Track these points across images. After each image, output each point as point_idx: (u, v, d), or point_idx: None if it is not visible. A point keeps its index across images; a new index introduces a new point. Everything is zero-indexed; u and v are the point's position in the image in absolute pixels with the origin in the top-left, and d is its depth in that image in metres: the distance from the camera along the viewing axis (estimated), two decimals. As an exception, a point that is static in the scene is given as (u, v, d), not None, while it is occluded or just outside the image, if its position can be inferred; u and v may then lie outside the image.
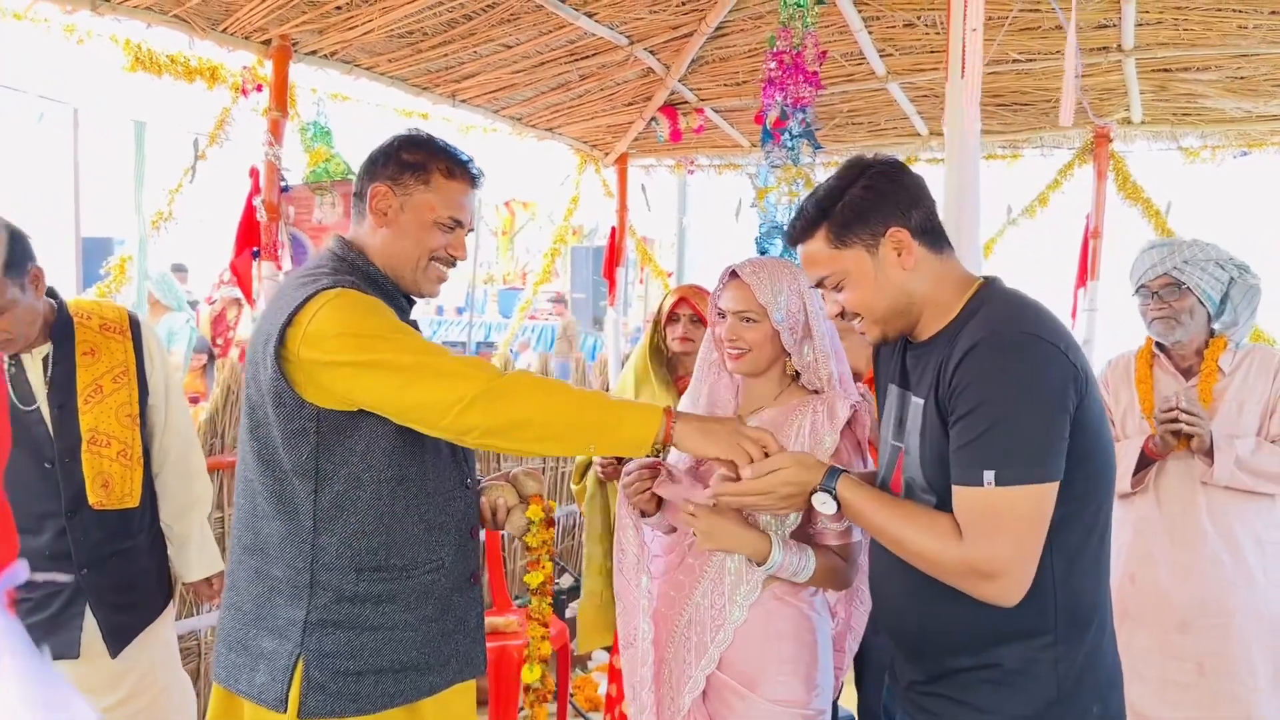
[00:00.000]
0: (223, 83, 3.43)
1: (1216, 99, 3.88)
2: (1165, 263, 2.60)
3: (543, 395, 1.59)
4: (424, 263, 1.78)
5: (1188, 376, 2.70)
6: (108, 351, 2.18)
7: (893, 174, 1.52)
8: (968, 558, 1.36)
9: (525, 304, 5.80)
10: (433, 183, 1.76)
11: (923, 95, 4.17)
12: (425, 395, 1.57)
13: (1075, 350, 1.40)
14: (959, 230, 2.18)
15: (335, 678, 1.66)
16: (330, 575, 1.67)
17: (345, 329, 1.59)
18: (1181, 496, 2.63)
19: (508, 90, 4.14)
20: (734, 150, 5.00)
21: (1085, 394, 1.39)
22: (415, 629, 1.72)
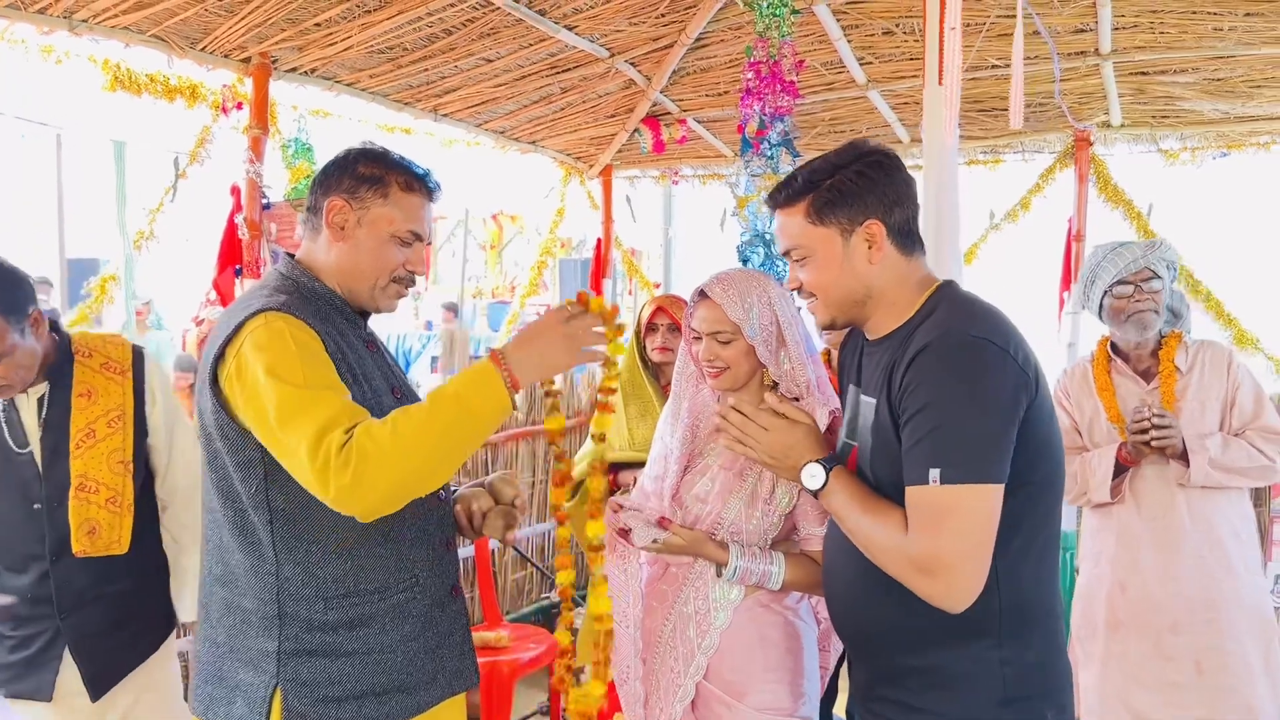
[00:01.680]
0: (203, 101, 3.43)
1: (1194, 101, 3.91)
2: (1149, 255, 2.63)
3: (396, 459, 1.47)
4: (383, 280, 1.72)
5: (1147, 379, 2.72)
6: (105, 394, 2.11)
7: (887, 166, 1.52)
8: (910, 552, 1.37)
9: (513, 317, 5.80)
10: (391, 196, 1.70)
11: (903, 102, 4.19)
12: (299, 474, 1.50)
13: (1026, 355, 1.41)
14: (938, 235, 2.20)
15: (316, 705, 1.62)
16: (298, 606, 1.63)
17: (251, 376, 1.52)
18: (1160, 500, 2.65)
19: (490, 104, 4.14)
20: (718, 160, 5.02)
21: (1035, 398, 1.39)
22: (395, 650, 1.68)
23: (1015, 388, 1.36)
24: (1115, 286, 2.68)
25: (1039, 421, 1.40)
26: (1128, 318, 2.68)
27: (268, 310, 1.58)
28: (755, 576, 1.81)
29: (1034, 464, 1.40)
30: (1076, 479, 2.74)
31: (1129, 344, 2.73)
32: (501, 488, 1.90)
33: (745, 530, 1.86)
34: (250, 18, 3.00)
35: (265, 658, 1.63)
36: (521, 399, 4.88)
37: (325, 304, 1.71)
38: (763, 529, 1.86)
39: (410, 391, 1.85)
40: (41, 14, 2.75)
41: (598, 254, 5.27)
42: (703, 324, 1.92)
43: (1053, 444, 1.45)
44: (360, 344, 1.75)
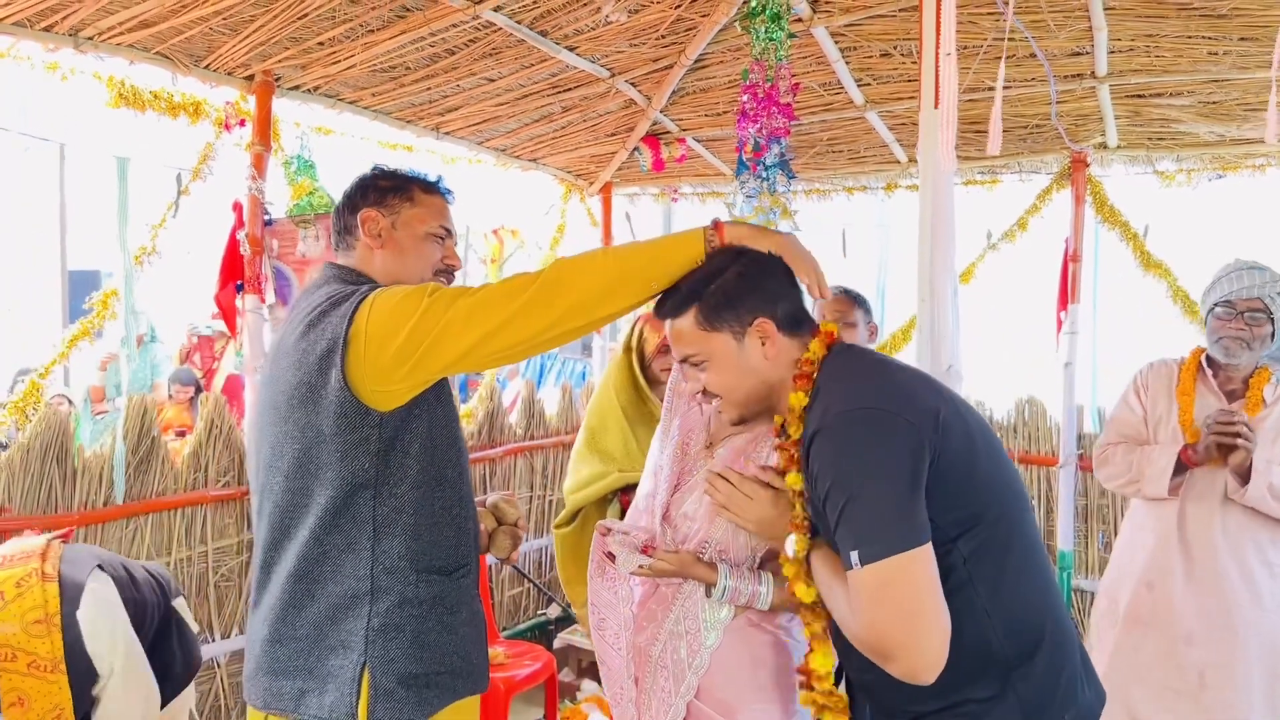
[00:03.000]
0: (206, 118, 3.45)
1: (1190, 124, 3.93)
2: (1262, 287, 2.64)
3: (581, 273, 1.60)
4: (428, 275, 1.85)
5: (1230, 399, 2.75)
6: (40, 697, 1.90)
7: (765, 265, 1.59)
8: (859, 635, 1.38)
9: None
10: (416, 198, 1.86)
11: (900, 123, 4.22)
12: (499, 319, 1.59)
13: (913, 408, 1.41)
14: (934, 256, 2.21)
15: (401, 683, 1.69)
16: (392, 579, 1.70)
17: (406, 311, 1.61)
18: (1202, 510, 2.69)
19: (491, 123, 4.17)
20: (717, 179, 5.05)
21: (940, 439, 1.40)
22: (458, 632, 1.78)
23: (910, 448, 1.37)
24: (1218, 306, 2.70)
25: (956, 461, 1.40)
26: (1218, 339, 2.72)
27: (376, 290, 1.68)
28: (744, 597, 1.82)
29: (970, 499, 1.41)
30: (1131, 468, 2.75)
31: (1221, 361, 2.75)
32: (505, 509, 2.04)
33: (733, 549, 1.87)
34: (254, 36, 3.02)
35: (354, 637, 1.69)
36: (519, 416, 4.89)
37: None
38: (750, 548, 1.86)
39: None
40: (48, 31, 2.77)
41: (597, 271, 5.29)
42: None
43: (984, 469, 1.45)
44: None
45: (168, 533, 3.17)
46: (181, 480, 3.21)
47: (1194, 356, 2.84)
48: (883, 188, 4.75)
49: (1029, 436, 4.40)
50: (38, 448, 2.87)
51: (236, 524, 3.37)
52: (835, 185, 4.83)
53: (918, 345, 2.23)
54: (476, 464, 4.54)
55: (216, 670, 3.32)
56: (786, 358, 1.58)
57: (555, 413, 5.13)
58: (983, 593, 1.40)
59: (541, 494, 4.97)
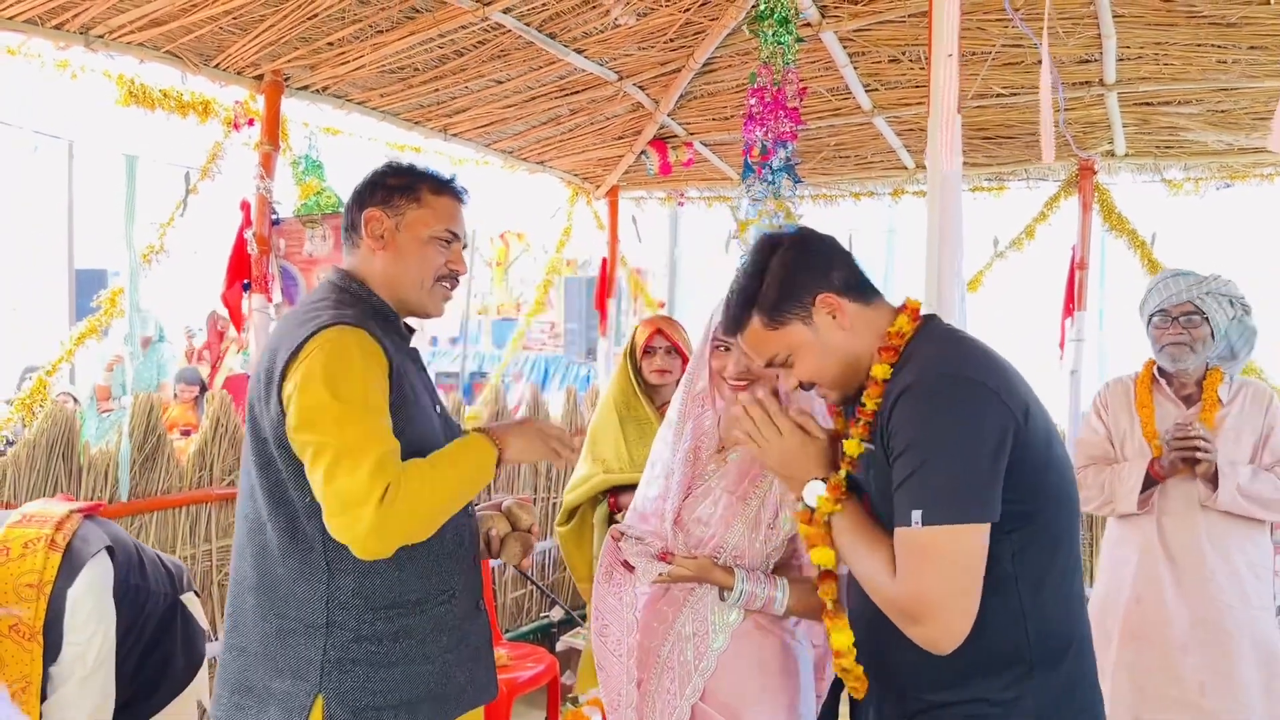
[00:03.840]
0: (215, 117, 3.46)
1: (1198, 132, 3.93)
2: (1191, 290, 2.69)
3: (414, 514, 1.57)
4: (429, 283, 1.79)
5: (1188, 404, 2.80)
6: (13, 662, 1.90)
7: (802, 244, 1.57)
8: (895, 596, 1.37)
9: (519, 335, 5.82)
10: (423, 199, 1.79)
11: (908, 129, 4.22)
12: (330, 495, 1.55)
13: (1010, 390, 1.40)
14: (942, 262, 2.20)
15: (356, 714, 1.65)
16: (347, 615, 1.66)
17: (310, 396, 1.58)
18: (1183, 520, 2.71)
19: (499, 124, 4.18)
20: (723, 183, 5.05)
21: (1025, 430, 1.38)
22: (432, 661, 1.72)
23: (1000, 425, 1.36)
24: (1155, 316, 2.76)
25: (1032, 456, 1.39)
26: (1161, 348, 2.77)
27: (341, 324, 1.64)
28: (760, 601, 1.81)
29: (1033, 497, 1.40)
30: (1104, 489, 2.79)
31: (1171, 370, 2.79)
32: (519, 514, 1.98)
33: (748, 554, 1.86)
34: (263, 36, 3.03)
35: (308, 666, 1.65)
36: (523, 416, 4.89)
37: (382, 318, 1.77)
38: (765, 553, 1.86)
39: (444, 406, 1.91)
40: (58, 30, 2.79)
41: (603, 273, 5.30)
42: (737, 365, 1.93)
43: (1052, 476, 1.44)
44: (407, 359, 1.81)
45: (172, 530, 3.17)
46: (186, 478, 3.22)
47: (1146, 369, 2.88)
48: (889, 193, 4.75)
49: (1034, 444, 4.39)
50: (44, 444, 2.87)
51: (240, 523, 3.37)
52: (842, 190, 4.83)
53: (924, 351, 2.23)
54: (480, 466, 4.54)
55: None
56: (865, 325, 1.53)
57: (560, 415, 5.13)
58: (1023, 591, 1.40)
59: (545, 496, 4.97)
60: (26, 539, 1.98)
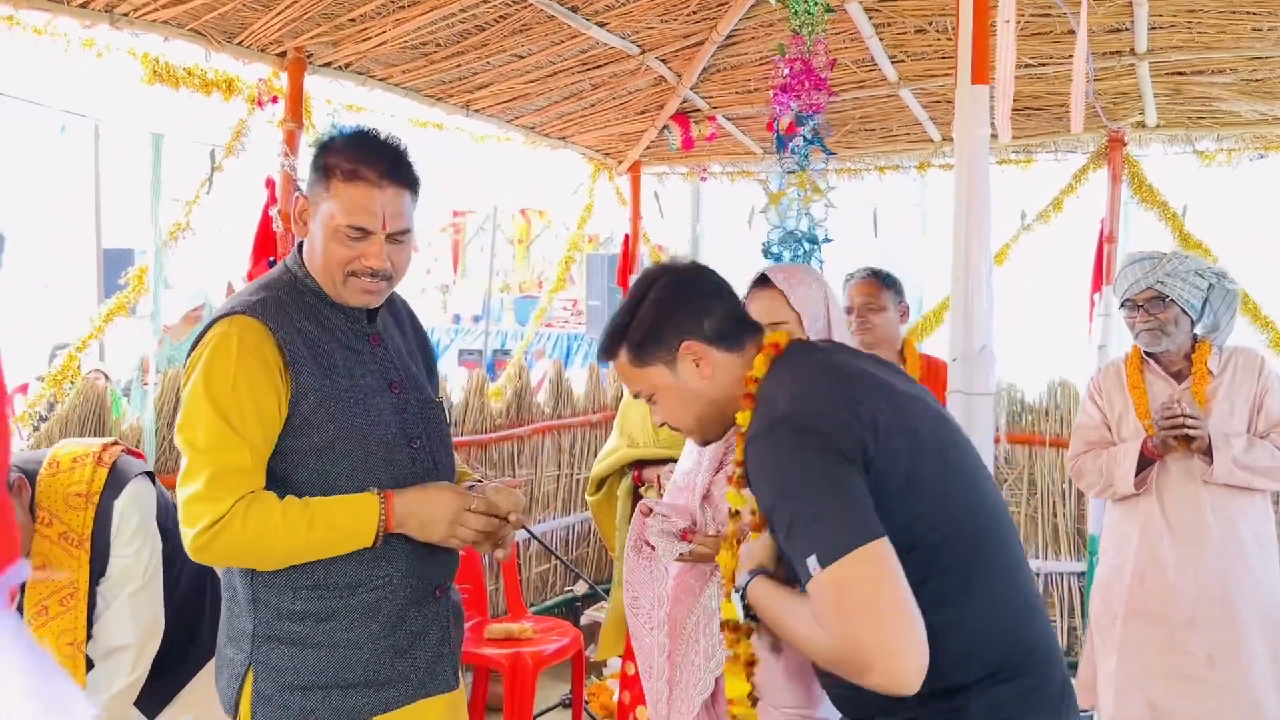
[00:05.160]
0: (239, 95, 3.46)
1: (1231, 102, 3.86)
2: (1149, 277, 2.72)
3: (251, 547, 1.59)
4: (338, 276, 1.67)
5: (1179, 380, 2.81)
6: (61, 567, 1.96)
7: (679, 285, 1.56)
8: (832, 647, 1.27)
9: (541, 311, 5.82)
10: (331, 188, 1.63)
11: (935, 101, 4.16)
12: (181, 495, 1.61)
13: (845, 411, 1.35)
14: (969, 236, 2.18)
15: (281, 691, 1.66)
16: (269, 593, 1.67)
17: (186, 397, 1.63)
18: (1184, 495, 2.72)
19: (521, 100, 4.16)
20: (746, 157, 5.01)
21: (877, 448, 1.33)
22: (361, 646, 1.69)
23: (834, 450, 1.31)
24: (1123, 307, 2.81)
25: (894, 475, 1.33)
26: (1135, 335, 2.84)
27: (235, 314, 1.64)
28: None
29: (912, 519, 1.33)
30: (1102, 473, 2.82)
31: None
32: (497, 500, 1.77)
33: None
34: (286, 13, 3.03)
35: (244, 637, 1.70)
36: (547, 395, 4.91)
37: (316, 299, 1.72)
38: None
39: (419, 385, 1.84)
40: (84, 8, 2.79)
41: (625, 250, 5.28)
42: (763, 313, 1.92)
43: (935, 492, 1.37)
44: (357, 338, 1.75)
45: (202, 506, 3.22)
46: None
47: (1135, 350, 2.91)
48: (915, 167, 4.70)
49: (1061, 420, 4.36)
50: (75, 420, 2.92)
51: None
52: (868, 164, 4.79)
53: (951, 326, 2.21)
54: (503, 442, 4.56)
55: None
56: (728, 374, 1.52)
57: (583, 392, 5.14)
58: (940, 615, 1.29)
59: (569, 472, 4.99)
60: (74, 455, 2.05)
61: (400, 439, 1.74)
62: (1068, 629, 4.29)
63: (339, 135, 1.69)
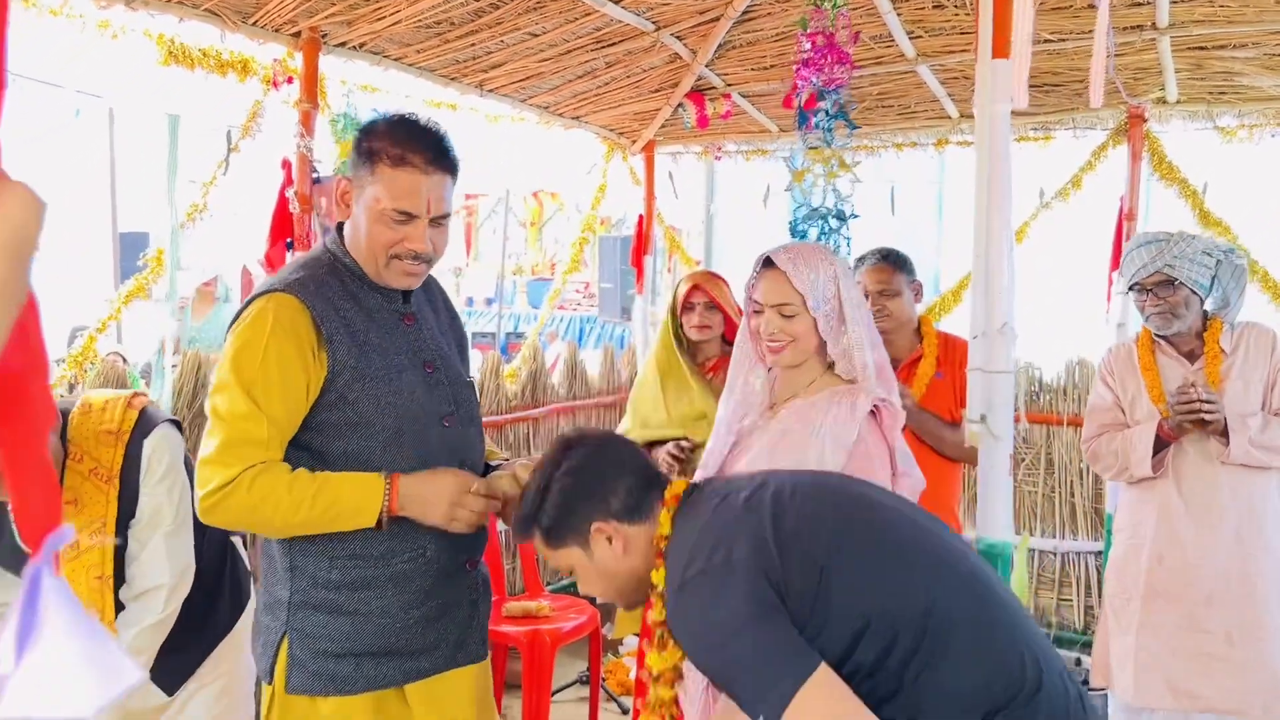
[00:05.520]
0: (254, 75, 3.46)
1: (1254, 77, 3.81)
2: (1156, 261, 2.68)
3: (254, 513, 1.63)
4: (382, 259, 1.72)
5: (1191, 360, 2.78)
6: (91, 503, 1.99)
7: (585, 466, 1.56)
8: None
9: (554, 294, 5.83)
10: (378, 173, 1.68)
11: (953, 77, 4.12)
12: (200, 458, 1.66)
13: (739, 547, 1.35)
14: (990, 215, 2.16)
15: (315, 657, 1.71)
16: (306, 561, 1.72)
17: (224, 362, 1.68)
18: (1201, 476, 2.71)
19: (534, 79, 4.15)
20: (762, 136, 4.99)
21: (784, 570, 1.32)
22: (394, 615, 1.74)
23: (743, 592, 1.31)
24: (1131, 290, 2.80)
25: (807, 585, 1.32)
26: (1146, 318, 2.80)
27: (274, 291, 1.69)
28: None
29: (842, 620, 1.31)
30: (1118, 456, 2.80)
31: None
32: (524, 477, 1.83)
33: None
34: (301, -8, 3.03)
35: (280, 605, 1.75)
36: (561, 377, 4.91)
37: (354, 279, 1.76)
38: None
39: (451, 364, 1.89)
40: (100, -12, 2.79)
41: (639, 230, 5.27)
42: (767, 295, 1.90)
43: (859, 586, 1.34)
44: (393, 318, 1.79)
45: (222, 486, 3.24)
46: (234, 434, 3.27)
47: (1145, 331, 2.87)
48: (933, 144, 4.67)
49: (1079, 399, 4.34)
50: (96, 401, 2.93)
51: (288, 478, 3.43)
52: (884, 142, 4.75)
53: (972, 303, 2.19)
54: (519, 424, 4.57)
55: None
56: (642, 544, 1.53)
57: (597, 374, 5.15)
58: (908, 696, 1.29)
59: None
60: (105, 399, 2.09)
61: (432, 417, 1.79)
62: (1084, 608, 4.28)
63: (383, 120, 1.73)
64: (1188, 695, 2.67)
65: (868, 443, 1.85)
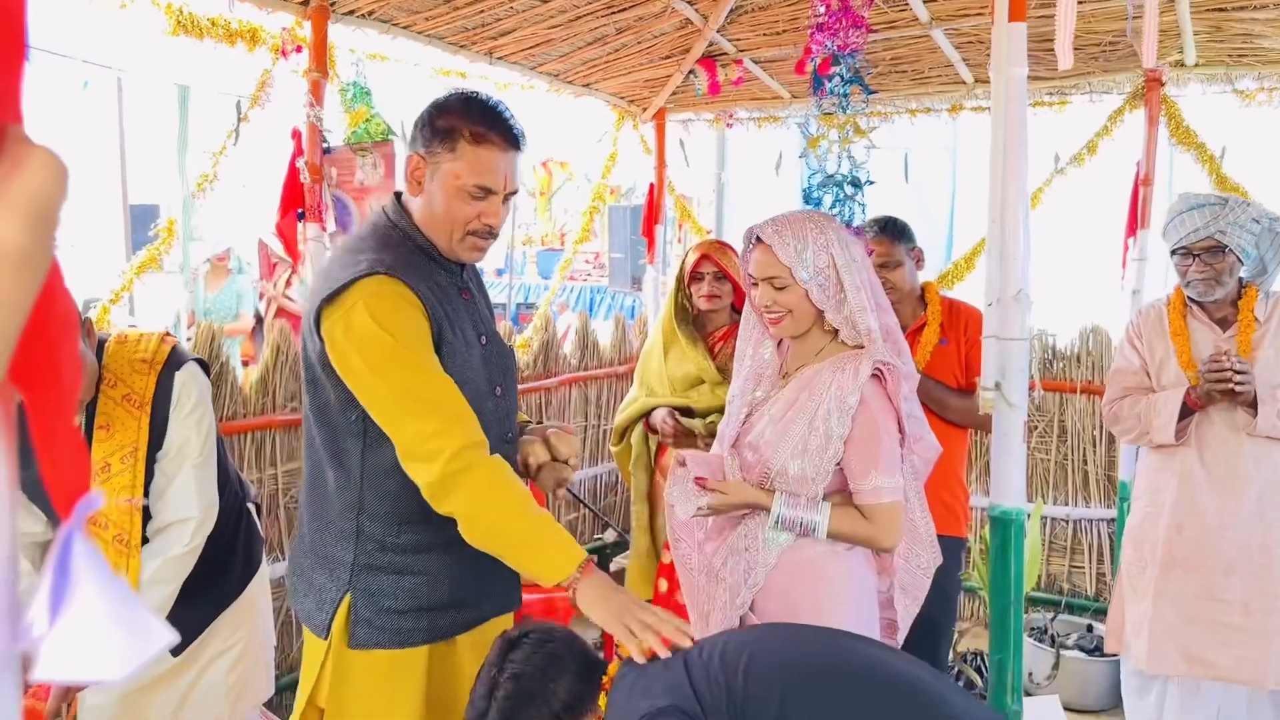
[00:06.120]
0: (263, 44, 3.44)
1: (1274, 38, 3.74)
2: (1210, 226, 2.61)
3: (487, 499, 1.66)
4: (458, 233, 1.78)
5: (1223, 326, 2.73)
6: (122, 428, 2.02)
7: (525, 670, 1.57)
8: None
9: (564, 264, 5.81)
10: (458, 149, 1.73)
11: (967, 41, 4.07)
12: (407, 445, 1.68)
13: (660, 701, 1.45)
14: (1005, 181, 2.15)
15: (379, 614, 1.80)
16: (374, 526, 1.80)
17: (367, 344, 1.66)
18: (1226, 446, 2.68)
19: (544, 46, 4.11)
20: (774, 102, 4.94)
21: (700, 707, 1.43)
22: (450, 573, 1.85)
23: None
24: (1175, 254, 2.71)
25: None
26: (1186, 283, 2.74)
27: (376, 274, 1.69)
28: (799, 525, 1.83)
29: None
30: (1140, 420, 2.76)
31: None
32: (558, 444, 2.00)
33: (792, 479, 1.87)
34: (309, -41, 3.00)
35: (340, 566, 1.83)
36: (573, 347, 4.92)
37: (423, 255, 1.80)
38: (810, 478, 1.87)
39: (498, 336, 1.96)
40: (107, -43, 2.78)
41: (650, 199, 5.24)
42: (757, 268, 1.92)
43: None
44: (456, 293, 1.85)
45: (238, 455, 3.26)
46: (250, 405, 3.29)
47: (1178, 294, 2.81)
48: (947, 109, 4.61)
49: (1093, 366, 4.32)
50: (112, 372, 2.94)
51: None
52: (898, 108, 4.70)
53: (987, 269, 2.18)
54: (531, 394, 4.58)
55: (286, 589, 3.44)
56: None
57: (609, 344, 5.15)
58: None
59: (595, 424, 5.02)
60: (140, 333, 2.15)
61: (487, 388, 1.86)
62: (1096, 575, 4.29)
63: (455, 98, 1.78)
64: (1202, 664, 2.67)
65: (872, 407, 1.85)
